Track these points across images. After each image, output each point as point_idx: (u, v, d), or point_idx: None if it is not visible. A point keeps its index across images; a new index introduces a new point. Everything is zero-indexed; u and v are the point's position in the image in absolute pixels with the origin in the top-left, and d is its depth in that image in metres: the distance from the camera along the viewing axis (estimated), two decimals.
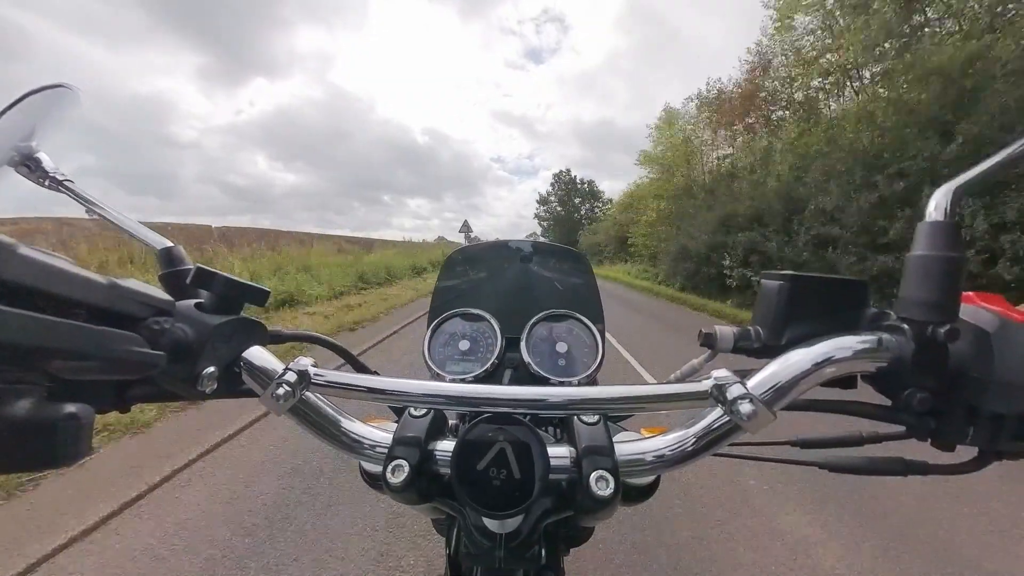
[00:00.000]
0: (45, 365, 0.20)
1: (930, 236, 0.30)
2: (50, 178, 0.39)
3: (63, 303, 0.20)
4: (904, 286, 0.31)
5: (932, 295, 0.29)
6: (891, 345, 0.30)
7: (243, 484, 2.12)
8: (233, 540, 1.72)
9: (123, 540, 1.71)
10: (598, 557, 1.63)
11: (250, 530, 1.78)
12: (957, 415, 0.30)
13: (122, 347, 0.23)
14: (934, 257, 0.29)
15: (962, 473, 0.33)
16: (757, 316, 0.37)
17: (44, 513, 1.84)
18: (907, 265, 0.31)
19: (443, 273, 0.73)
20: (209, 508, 1.93)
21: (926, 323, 0.29)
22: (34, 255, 0.18)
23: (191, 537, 1.74)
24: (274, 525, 1.81)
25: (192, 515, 1.87)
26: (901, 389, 0.30)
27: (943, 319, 0.28)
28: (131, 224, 0.42)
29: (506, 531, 0.32)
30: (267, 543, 1.70)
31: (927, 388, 0.29)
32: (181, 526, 1.80)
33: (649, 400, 0.31)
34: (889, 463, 0.36)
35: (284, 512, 1.89)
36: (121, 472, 2.15)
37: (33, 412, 0.19)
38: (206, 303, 0.33)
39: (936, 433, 0.31)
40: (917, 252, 0.30)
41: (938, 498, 2.00)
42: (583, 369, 0.58)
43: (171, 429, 2.66)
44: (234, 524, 1.81)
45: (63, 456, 0.20)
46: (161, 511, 1.90)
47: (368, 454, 0.34)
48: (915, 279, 0.30)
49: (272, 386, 0.30)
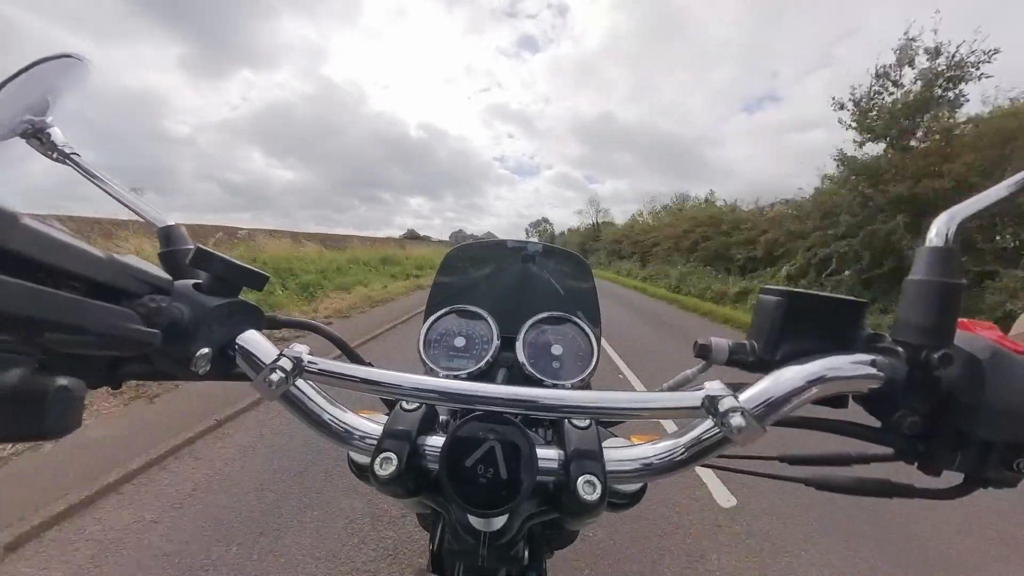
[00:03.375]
0: (39, 336, 0.19)
1: (929, 261, 0.30)
2: (58, 151, 0.39)
3: (61, 275, 0.20)
4: (901, 309, 0.31)
5: (928, 320, 0.29)
6: (885, 367, 0.30)
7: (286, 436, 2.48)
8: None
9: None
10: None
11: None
12: (946, 440, 0.30)
13: (117, 323, 0.23)
14: (932, 283, 0.29)
15: (947, 499, 0.33)
16: (753, 330, 0.37)
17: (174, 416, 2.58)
18: (905, 289, 0.31)
19: (442, 270, 0.73)
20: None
21: (921, 347, 0.29)
22: (35, 225, 0.18)
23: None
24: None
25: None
26: (892, 411, 0.30)
27: (938, 344, 0.29)
28: (134, 201, 0.42)
29: (491, 529, 0.32)
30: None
31: (918, 412, 0.30)
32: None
33: (640, 408, 0.31)
34: (875, 484, 0.36)
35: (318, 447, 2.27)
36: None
37: (24, 382, 0.19)
38: (204, 284, 0.33)
39: (924, 457, 0.32)
40: (916, 277, 0.30)
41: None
42: (577, 373, 0.58)
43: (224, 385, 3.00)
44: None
45: (52, 428, 0.20)
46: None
47: (357, 445, 0.34)
48: (912, 303, 0.30)
49: (265, 371, 0.30)
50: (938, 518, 1.99)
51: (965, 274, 2.60)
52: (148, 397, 2.79)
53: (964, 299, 0.30)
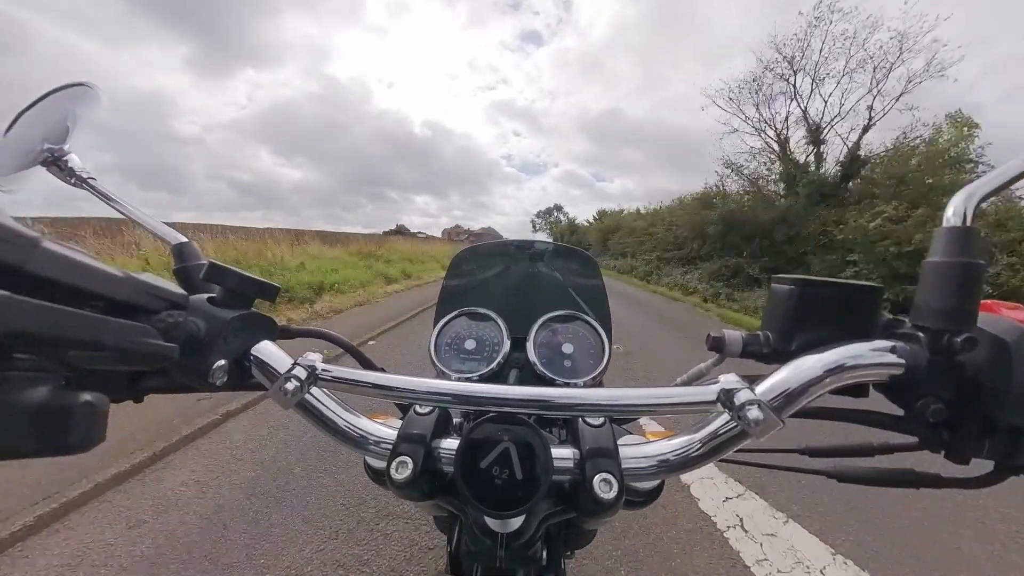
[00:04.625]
0: (64, 354, 0.20)
1: (948, 242, 0.29)
2: (76, 176, 0.40)
3: (82, 295, 0.20)
4: (919, 293, 0.30)
5: (948, 302, 0.28)
6: (905, 354, 0.29)
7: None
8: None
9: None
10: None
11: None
12: (972, 427, 0.29)
13: (137, 339, 0.23)
14: (951, 263, 0.28)
15: (976, 487, 0.32)
16: (767, 321, 0.37)
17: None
18: (923, 271, 0.30)
19: (450, 272, 0.73)
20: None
21: (942, 331, 0.28)
22: (56, 248, 0.19)
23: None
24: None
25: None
26: (914, 399, 0.29)
27: (960, 327, 0.28)
28: (149, 220, 0.43)
29: (508, 531, 0.32)
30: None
31: (941, 399, 0.29)
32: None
33: (655, 404, 0.31)
34: (900, 475, 0.35)
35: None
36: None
37: (50, 399, 0.20)
38: (218, 298, 0.33)
39: (950, 445, 0.31)
40: (934, 258, 0.29)
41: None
42: (589, 371, 0.57)
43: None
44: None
45: (77, 442, 0.21)
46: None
47: (373, 450, 0.34)
48: (931, 286, 0.29)
49: (280, 380, 0.31)
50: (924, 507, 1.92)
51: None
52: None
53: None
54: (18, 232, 0.17)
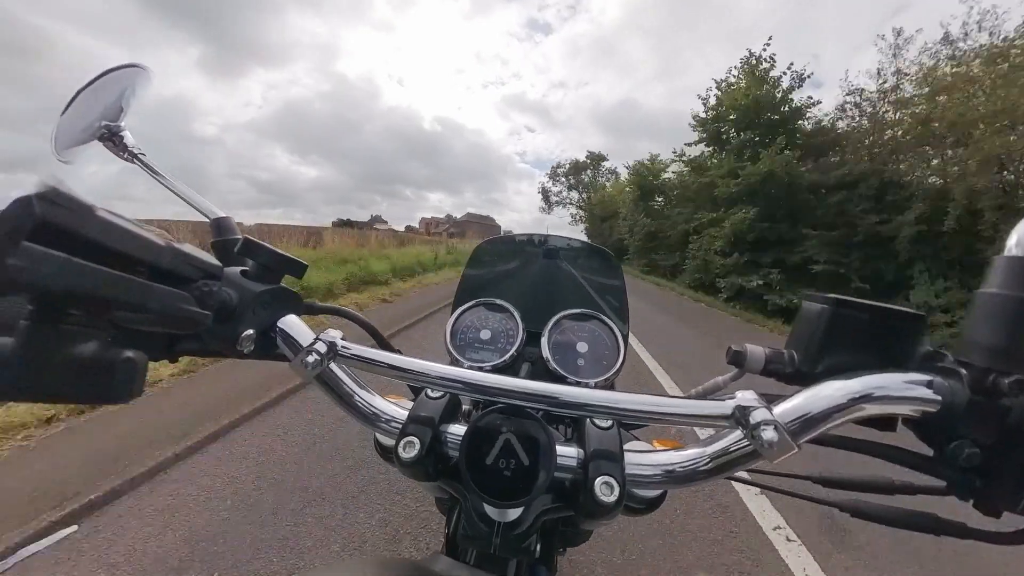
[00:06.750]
0: (111, 314, 0.22)
1: (1007, 273, 0.26)
2: (129, 151, 0.43)
3: (129, 260, 0.22)
4: (968, 325, 0.28)
5: (1000, 339, 0.26)
6: (943, 390, 0.27)
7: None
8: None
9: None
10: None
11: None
12: (1009, 478, 0.27)
13: (176, 304, 0.25)
14: (1008, 297, 0.26)
15: (1004, 544, 0.30)
16: (793, 339, 0.35)
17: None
18: (976, 302, 0.28)
19: (471, 262, 0.74)
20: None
21: (988, 370, 0.26)
22: (108, 216, 0.20)
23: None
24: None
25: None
26: (948, 440, 0.27)
27: (1009, 368, 0.25)
28: (192, 195, 0.46)
29: (505, 520, 0.33)
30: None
31: (978, 443, 0.27)
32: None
33: (665, 413, 0.30)
34: (922, 518, 0.33)
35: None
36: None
37: (98, 353, 0.22)
38: (251, 271, 0.35)
39: (981, 494, 0.28)
40: (989, 289, 0.27)
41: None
42: (602, 372, 0.57)
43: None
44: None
45: (118, 394, 0.23)
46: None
47: (383, 427, 0.36)
48: (982, 319, 0.27)
49: (302, 353, 0.32)
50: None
51: None
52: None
53: None
54: (76, 200, 0.18)
